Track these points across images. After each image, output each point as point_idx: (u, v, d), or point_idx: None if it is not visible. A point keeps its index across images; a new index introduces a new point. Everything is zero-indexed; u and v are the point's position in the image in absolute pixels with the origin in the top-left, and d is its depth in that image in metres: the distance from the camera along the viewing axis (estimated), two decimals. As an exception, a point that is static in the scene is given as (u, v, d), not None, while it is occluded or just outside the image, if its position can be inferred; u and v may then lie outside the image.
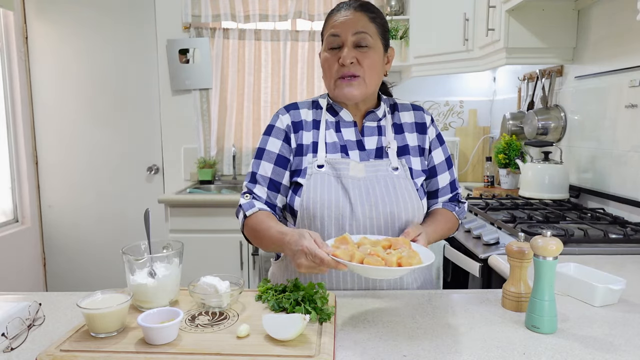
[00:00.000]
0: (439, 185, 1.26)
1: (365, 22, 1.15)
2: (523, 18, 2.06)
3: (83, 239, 3.35)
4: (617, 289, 1.01)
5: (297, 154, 1.20)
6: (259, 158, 1.20)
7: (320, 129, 1.21)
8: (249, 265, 2.76)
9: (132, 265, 0.97)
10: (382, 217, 1.13)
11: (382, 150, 1.21)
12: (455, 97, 3.27)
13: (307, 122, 1.22)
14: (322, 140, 1.19)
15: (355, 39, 1.13)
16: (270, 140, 1.21)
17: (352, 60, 1.13)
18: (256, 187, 1.19)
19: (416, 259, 0.90)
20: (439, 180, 1.26)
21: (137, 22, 3.21)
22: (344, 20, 1.14)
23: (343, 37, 1.14)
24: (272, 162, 1.19)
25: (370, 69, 1.15)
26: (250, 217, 1.15)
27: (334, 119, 1.23)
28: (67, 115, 3.27)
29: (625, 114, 1.79)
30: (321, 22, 3.16)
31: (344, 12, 1.16)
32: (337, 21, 1.15)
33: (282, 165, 1.19)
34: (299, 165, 1.19)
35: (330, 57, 1.16)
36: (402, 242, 0.97)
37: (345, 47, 1.14)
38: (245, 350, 0.79)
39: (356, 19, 1.14)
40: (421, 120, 1.26)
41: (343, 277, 1.16)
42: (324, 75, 1.21)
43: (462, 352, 0.81)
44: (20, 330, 0.88)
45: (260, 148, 1.21)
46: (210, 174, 3.19)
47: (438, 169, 1.26)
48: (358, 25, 1.14)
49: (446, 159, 1.27)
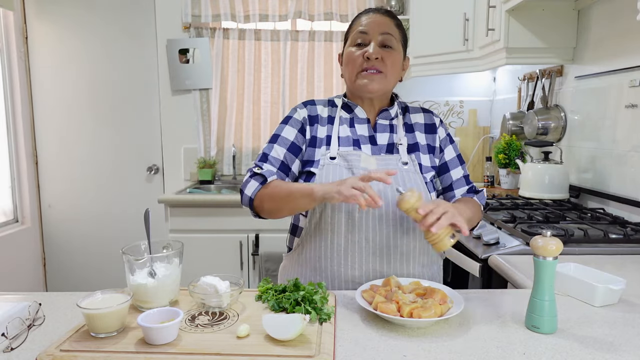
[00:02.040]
0: (452, 179, 1.29)
1: (392, 26, 1.21)
2: (523, 18, 2.06)
3: (83, 239, 3.35)
4: (617, 289, 1.01)
5: (310, 144, 1.24)
6: (273, 142, 1.24)
7: (335, 124, 1.25)
8: (249, 265, 2.76)
9: (132, 265, 0.97)
10: (390, 205, 1.17)
11: (393, 146, 1.25)
12: (455, 97, 3.27)
13: (322, 117, 1.27)
14: (335, 134, 1.24)
15: (382, 38, 1.19)
16: (286, 128, 1.25)
17: (378, 56, 1.18)
18: (266, 165, 1.21)
19: (430, 312, 0.89)
20: (452, 174, 1.29)
21: (137, 22, 3.21)
22: (373, 20, 1.21)
23: (371, 35, 1.19)
24: (285, 148, 1.22)
25: (392, 67, 1.21)
26: (270, 183, 1.16)
27: (349, 116, 1.28)
28: (67, 115, 3.26)
29: (625, 114, 1.79)
30: (321, 22, 3.18)
31: (373, 14, 1.22)
32: (366, 21, 1.21)
33: (294, 152, 1.23)
34: (312, 156, 1.23)
35: (356, 52, 1.21)
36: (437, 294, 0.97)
37: (372, 43, 1.19)
38: (245, 350, 0.79)
39: (385, 22, 1.21)
40: (430, 122, 1.31)
41: (343, 277, 1.18)
42: (346, 68, 1.24)
43: (462, 352, 0.81)
44: (20, 330, 0.88)
45: (275, 134, 1.25)
46: (210, 174, 3.19)
47: (450, 164, 1.30)
48: (386, 27, 1.20)
49: (457, 156, 1.31)
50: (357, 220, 1.16)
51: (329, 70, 3.23)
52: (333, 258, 1.18)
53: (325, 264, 1.19)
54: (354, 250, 1.17)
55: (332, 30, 3.23)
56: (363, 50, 1.19)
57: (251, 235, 2.73)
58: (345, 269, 1.18)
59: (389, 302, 0.93)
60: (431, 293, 0.97)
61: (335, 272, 1.18)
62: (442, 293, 0.97)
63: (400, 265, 1.19)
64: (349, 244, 1.17)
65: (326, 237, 1.18)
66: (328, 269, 1.19)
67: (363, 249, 1.17)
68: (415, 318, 0.88)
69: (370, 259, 1.17)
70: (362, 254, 1.17)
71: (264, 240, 2.71)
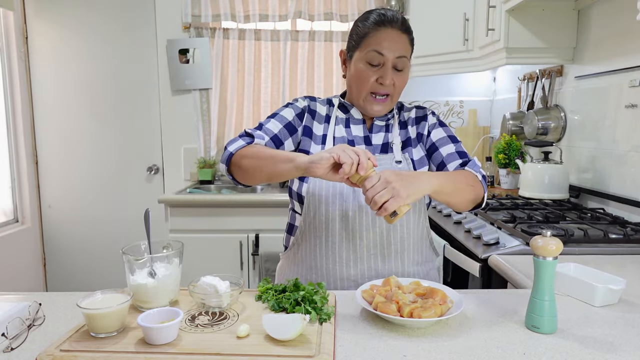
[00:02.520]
0: (443, 155, 1.22)
1: (407, 46, 1.19)
2: (523, 18, 2.06)
3: (83, 239, 3.35)
4: (617, 289, 1.01)
5: (305, 133, 1.25)
6: (271, 117, 1.25)
7: (330, 124, 1.26)
8: (249, 265, 2.76)
9: (132, 265, 0.97)
10: None
11: (387, 146, 1.25)
12: (455, 97, 3.27)
13: (320, 114, 1.29)
14: (330, 133, 1.25)
15: (396, 62, 1.17)
16: (286, 109, 1.27)
17: (391, 82, 1.17)
18: (259, 132, 1.20)
19: (431, 312, 0.89)
20: (441, 151, 1.23)
21: (137, 22, 3.21)
22: (391, 41, 1.16)
23: (386, 58, 1.16)
24: (282, 124, 1.23)
25: (400, 89, 1.21)
26: (256, 145, 1.15)
27: (344, 116, 1.28)
28: (67, 115, 3.27)
29: (625, 114, 1.79)
30: (321, 22, 3.17)
31: (391, 31, 1.16)
32: (384, 40, 1.16)
33: (289, 130, 1.24)
34: (306, 147, 1.24)
35: (368, 72, 1.18)
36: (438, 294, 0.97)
37: (387, 67, 1.17)
38: (245, 350, 0.79)
39: (401, 42, 1.17)
40: (422, 114, 1.30)
41: (338, 275, 1.19)
42: (355, 83, 1.21)
43: (462, 352, 0.81)
44: (20, 330, 0.88)
45: (274, 112, 1.27)
46: (210, 174, 3.19)
47: (438, 143, 1.24)
48: (401, 49, 1.17)
49: (448, 136, 1.25)
50: (350, 218, 1.17)
51: (328, 70, 3.23)
52: (328, 256, 1.19)
53: (321, 262, 1.20)
54: (349, 248, 1.18)
55: (332, 30, 3.23)
56: (377, 74, 1.17)
57: (251, 235, 2.73)
58: (340, 267, 1.19)
59: (389, 302, 0.93)
60: (431, 293, 0.97)
61: (331, 270, 1.19)
62: (442, 293, 0.97)
63: (395, 263, 1.20)
64: (343, 241, 1.18)
65: (320, 235, 1.19)
66: (323, 267, 1.20)
67: (357, 247, 1.17)
68: (415, 318, 0.88)
69: (364, 257, 1.18)
70: (356, 252, 1.18)
71: (264, 240, 2.71)
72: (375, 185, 0.94)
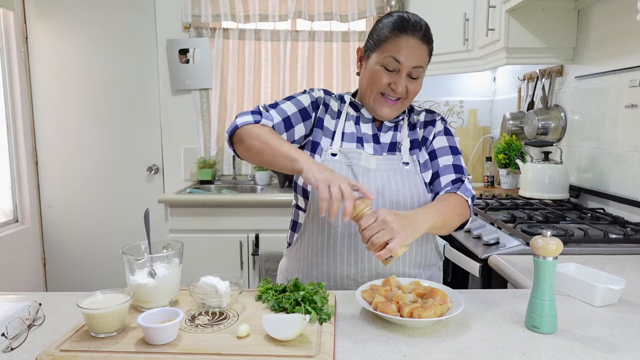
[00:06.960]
0: (439, 166, 1.23)
1: (425, 57, 1.18)
2: (523, 18, 2.06)
3: (83, 239, 3.35)
4: (617, 289, 1.01)
5: (317, 125, 1.25)
6: (287, 100, 1.25)
7: (340, 119, 1.26)
8: (249, 265, 2.76)
9: (132, 265, 0.97)
10: (387, 204, 1.17)
11: (395, 145, 1.26)
12: (455, 97, 3.27)
13: (332, 109, 1.28)
14: (340, 129, 1.25)
15: (411, 71, 1.16)
16: (303, 95, 1.27)
17: (404, 90, 1.17)
18: (273, 111, 1.20)
19: (431, 312, 0.89)
20: (439, 161, 1.24)
21: (137, 22, 3.21)
22: (410, 51, 1.15)
23: (402, 65, 1.15)
24: (297, 108, 1.23)
25: (413, 95, 1.21)
26: (266, 126, 1.15)
27: (355, 114, 1.28)
28: (67, 115, 3.26)
29: (625, 114, 1.79)
30: (321, 22, 3.17)
31: (412, 40, 1.15)
32: (403, 48, 1.15)
33: (302, 115, 1.23)
34: (317, 138, 1.24)
35: (382, 75, 1.17)
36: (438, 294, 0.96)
37: (401, 75, 1.16)
38: (245, 350, 0.79)
39: (420, 53, 1.16)
40: (431, 118, 1.30)
41: (339, 273, 1.19)
42: (367, 83, 1.21)
43: (462, 352, 0.81)
44: (20, 330, 0.88)
45: (291, 95, 1.26)
46: (210, 174, 3.19)
47: (438, 152, 1.25)
48: (419, 60, 1.16)
49: (450, 146, 1.26)
50: None
51: (328, 70, 3.23)
52: (329, 253, 1.19)
53: (322, 259, 1.20)
54: (350, 247, 1.18)
55: (332, 30, 3.23)
56: (390, 79, 1.17)
57: (251, 235, 2.73)
58: (341, 265, 1.19)
59: (389, 302, 0.93)
60: (431, 293, 0.97)
61: (332, 267, 1.19)
62: (442, 293, 0.97)
63: (396, 263, 1.20)
64: (345, 240, 1.18)
65: (323, 232, 1.19)
66: (324, 264, 1.20)
67: (359, 246, 1.17)
68: (415, 318, 0.88)
69: (365, 257, 1.18)
70: (357, 251, 1.18)
71: (264, 240, 2.71)
72: (372, 225, 0.94)
